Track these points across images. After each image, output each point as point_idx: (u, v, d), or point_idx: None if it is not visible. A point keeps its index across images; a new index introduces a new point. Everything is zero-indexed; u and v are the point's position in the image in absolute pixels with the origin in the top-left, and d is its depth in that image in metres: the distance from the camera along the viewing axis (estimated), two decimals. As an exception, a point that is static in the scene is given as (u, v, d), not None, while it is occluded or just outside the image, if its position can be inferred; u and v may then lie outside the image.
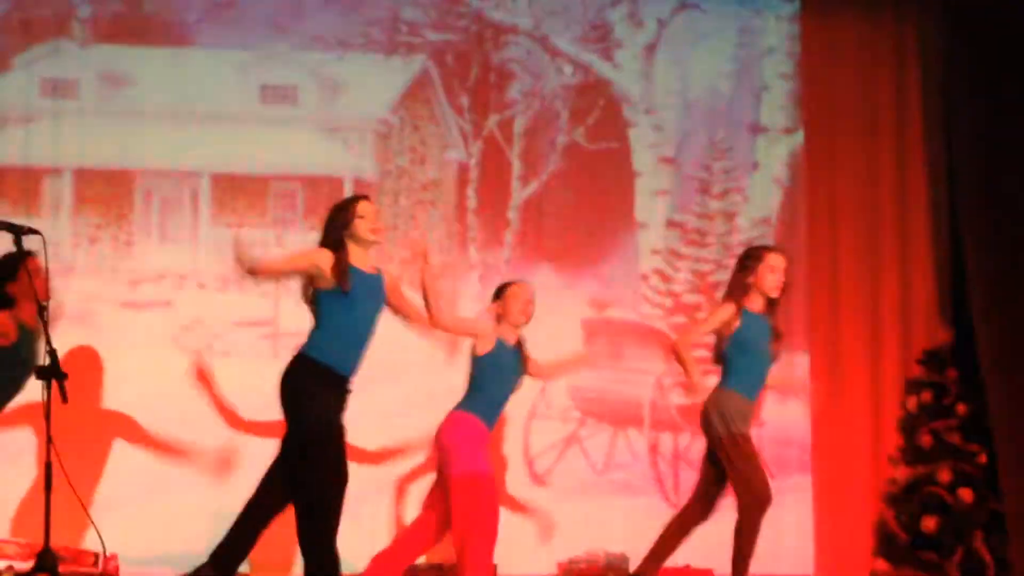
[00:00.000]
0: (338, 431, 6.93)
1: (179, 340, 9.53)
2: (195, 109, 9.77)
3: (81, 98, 9.69)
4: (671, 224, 10.19)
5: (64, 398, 6.53)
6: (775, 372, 7.99)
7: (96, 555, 8.29)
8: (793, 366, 9.77)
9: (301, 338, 7.59)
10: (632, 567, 9.19)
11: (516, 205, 10.03)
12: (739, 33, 10.40)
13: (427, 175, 10.01)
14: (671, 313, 10.07)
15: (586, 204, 10.12)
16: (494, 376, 7.60)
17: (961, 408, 9.67)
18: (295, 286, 7.68)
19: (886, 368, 10.16)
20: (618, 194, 10.20)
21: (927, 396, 9.72)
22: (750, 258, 7.91)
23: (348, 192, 9.85)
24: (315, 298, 7.07)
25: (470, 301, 9.83)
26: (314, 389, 6.92)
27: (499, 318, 7.67)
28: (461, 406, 7.59)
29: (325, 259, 7.00)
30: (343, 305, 7.00)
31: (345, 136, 9.95)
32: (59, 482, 6.64)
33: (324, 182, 9.87)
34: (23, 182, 9.52)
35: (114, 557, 8.44)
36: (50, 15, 9.69)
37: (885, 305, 10.26)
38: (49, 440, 6.50)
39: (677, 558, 9.34)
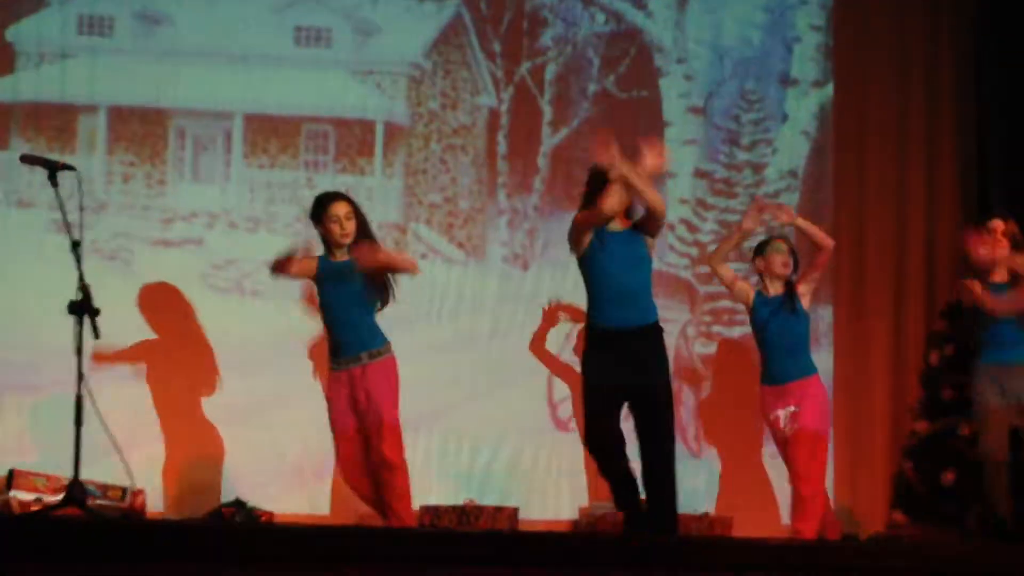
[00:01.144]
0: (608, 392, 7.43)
1: (209, 279, 9.60)
2: (230, 49, 9.81)
3: (117, 36, 9.73)
4: (699, 174, 10.22)
5: (96, 334, 6.60)
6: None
7: (124, 489, 8.38)
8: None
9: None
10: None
11: (546, 152, 10.06)
12: (773, -17, 10.41)
13: (458, 120, 10.04)
14: (697, 263, 10.11)
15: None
16: (762, 332, 8.25)
17: (983, 363, 9.69)
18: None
19: (909, 321, 10.21)
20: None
21: (950, 350, 9.73)
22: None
23: (380, 134, 9.90)
24: (581, 266, 7.60)
25: (498, 246, 9.90)
26: (588, 356, 7.53)
27: (761, 273, 8.34)
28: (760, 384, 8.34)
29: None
30: (596, 263, 7.48)
31: (378, 79, 9.98)
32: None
33: (356, 124, 9.92)
34: (58, 119, 9.57)
35: (142, 492, 8.55)
36: (87, -47, 9.76)
37: (910, 259, 10.30)
38: (80, 375, 6.57)
39: (697, 506, 9.46)
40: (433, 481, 9.56)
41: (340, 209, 7.60)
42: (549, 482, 9.64)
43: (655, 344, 7.53)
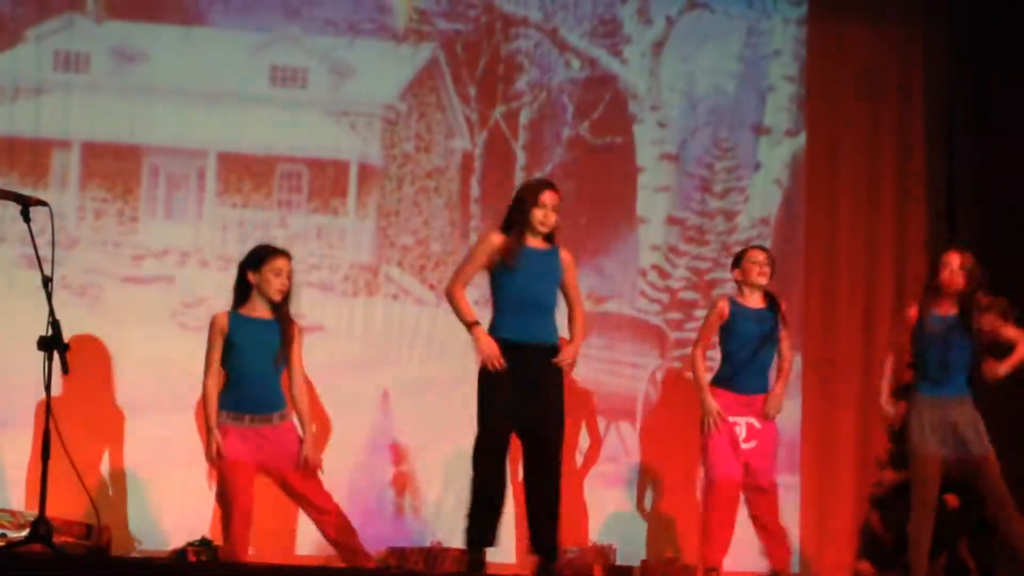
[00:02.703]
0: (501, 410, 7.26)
1: (179, 316, 9.59)
2: (205, 88, 9.82)
3: (92, 73, 9.74)
4: (671, 221, 10.25)
5: (65, 369, 6.57)
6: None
7: (89, 526, 8.33)
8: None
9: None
10: (620, 559, 9.27)
11: (519, 196, 10.07)
12: (746, 34, 10.45)
13: (432, 163, 10.07)
14: (668, 309, 10.14)
15: (588, 198, 10.17)
16: (733, 341, 8.09)
17: (950, 414, 9.71)
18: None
19: (878, 371, 10.20)
20: (620, 189, 10.26)
21: (918, 401, 9.75)
22: (938, 262, 8.20)
23: (353, 175, 9.91)
24: (491, 282, 7.45)
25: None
26: (485, 376, 7.30)
27: (738, 283, 8.20)
28: (712, 381, 8.11)
29: (497, 240, 7.38)
30: (510, 280, 7.31)
31: (352, 120, 10.00)
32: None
33: (330, 165, 9.93)
34: (32, 154, 9.57)
35: (108, 529, 8.50)
36: (65, -11, 9.78)
37: (879, 309, 10.33)
38: (48, 411, 6.54)
39: (663, 551, 9.46)
40: (400, 522, 9.54)
41: (285, 265, 7.51)
42: (516, 524, 9.61)
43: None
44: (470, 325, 7.39)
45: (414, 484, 9.64)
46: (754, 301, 8.19)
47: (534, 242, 7.39)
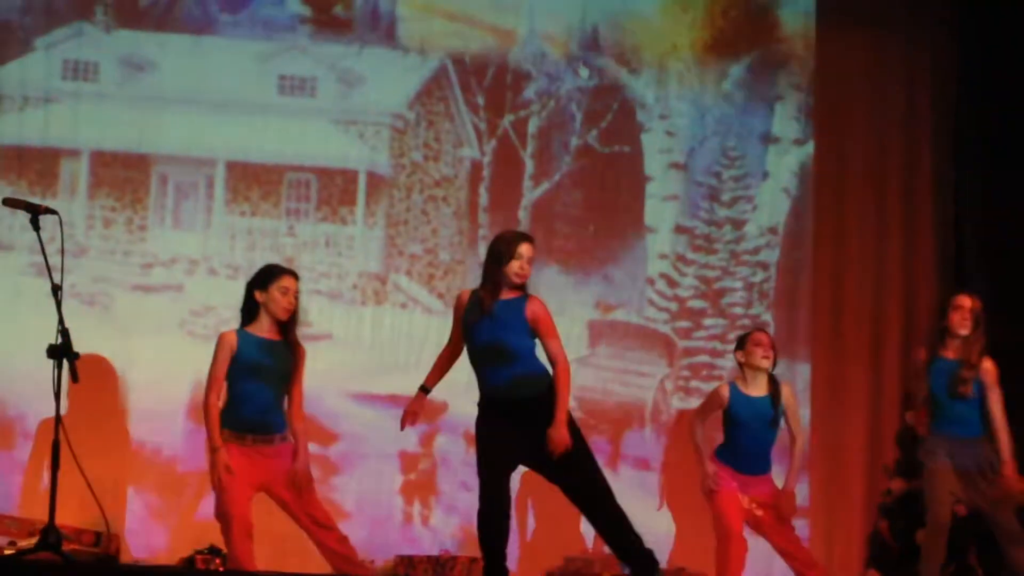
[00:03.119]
0: (498, 450, 7.08)
1: (188, 325, 9.60)
2: (213, 97, 9.84)
3: (101, 82, 9.77)
4: (679, 229, 10.25)
5: (75, 378, 6.57)
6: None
7: (98, 534, 8.35)
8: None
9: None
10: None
11: (527, 205, 10.09)
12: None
13: (440, 171, 10.07)
14: (676, 317, 10.13)
15: (596, 206, 10.17)
16: (733, 427, 7.99)
17: (960, 423, 9.70)
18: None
19: (887, 380, 10.23)
20: (628, 197, 10.25)
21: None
22: (945, 303, 8.10)
23: (362, 184, 9.92)
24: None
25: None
26: (479, 422, 7.18)
27: (741, 365, 8.08)
28: (716, 451, 8.04)
29: (464, 297, 7.21)
30: (471, 334, 7.12)
31: (361, 129, 10.01)
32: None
33: (338, 174, 9.94)
34: (41, 163, 9.60)
35: (116, 537, 8.51)
36: (74, -1, 9.81)
37: (888, 317, 10.33)
38: (58, 419, 6.55)
39: (675, 560, 9.45)
40: (409, 530, 9.55)
41: (292, 284, 7.41)
42: (525, 534, 9.62)
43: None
44: (419, 387, 7.37)
45: (423, 492, 9.65)
46: (756, 386, 8.03)
47: (504, 293, 7.10)
